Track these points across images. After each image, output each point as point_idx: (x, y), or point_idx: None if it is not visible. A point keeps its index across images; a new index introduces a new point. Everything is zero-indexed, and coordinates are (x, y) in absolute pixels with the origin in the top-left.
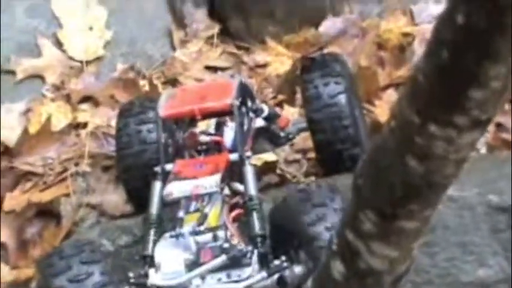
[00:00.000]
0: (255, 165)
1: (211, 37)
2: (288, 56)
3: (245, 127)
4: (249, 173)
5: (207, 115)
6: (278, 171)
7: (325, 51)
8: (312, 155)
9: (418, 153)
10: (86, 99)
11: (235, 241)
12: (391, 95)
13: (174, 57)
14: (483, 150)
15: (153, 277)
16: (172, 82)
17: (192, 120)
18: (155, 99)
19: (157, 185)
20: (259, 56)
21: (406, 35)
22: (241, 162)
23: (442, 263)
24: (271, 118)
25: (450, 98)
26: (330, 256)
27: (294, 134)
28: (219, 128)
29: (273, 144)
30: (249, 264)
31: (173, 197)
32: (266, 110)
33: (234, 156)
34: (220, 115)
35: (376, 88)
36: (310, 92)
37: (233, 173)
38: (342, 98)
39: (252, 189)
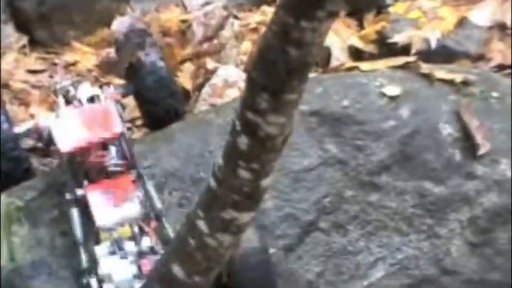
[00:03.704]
0: None
1: (23, 47)
2: (92, 53)
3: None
4: (151, 187)
5: (102, 144)
6: None
7: None
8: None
9: (295, 43)
10: None
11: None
12: (189, 67)
13: None
14: None
15: (95, 284)
16: (4, 86)
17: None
18: None
19: (74, 211)
20: (68, 57)
21: (183, 21)
22: (140, 178)
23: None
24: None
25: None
26: (235, 135)
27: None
28: (106, 147)
29: None
30: None
31: (107, 227)
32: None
33: (133, 174)
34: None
35: (175, 63)
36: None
37: None
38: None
39: (158, 202)
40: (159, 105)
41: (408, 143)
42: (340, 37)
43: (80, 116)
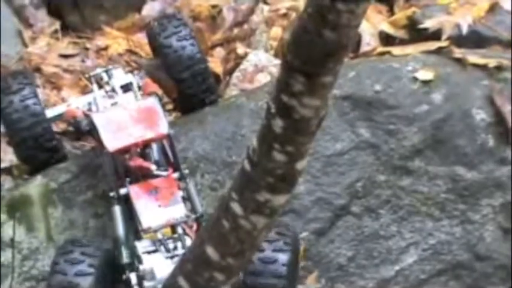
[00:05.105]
0: None
1: (55, 32)
2: (122, 38)
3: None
4: (193, 190)
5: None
6: None
7: None
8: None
9: (331, 26)
10: None
11: None
12: (219, 52)
13: (29, 52)
14: None
15: (134, 279)
16: (36, 70)
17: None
18: (29, 74)
19: (117, 209)
20: (100, 41)
21: (214, 6)
22: (183, 180)
23: None
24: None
25: None
26: (270, 117)
27: None
28: (146, 147)
29: None
30: None
31: (152, 230)
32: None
33: (175, 175)
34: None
35: (205, 48)
36: (170, 55)
37: None
38: (199, 55)
39: (200, 206)
40: (194, 97)
41: (441, 127)
42: (370, 23)
43: (126, 114)
